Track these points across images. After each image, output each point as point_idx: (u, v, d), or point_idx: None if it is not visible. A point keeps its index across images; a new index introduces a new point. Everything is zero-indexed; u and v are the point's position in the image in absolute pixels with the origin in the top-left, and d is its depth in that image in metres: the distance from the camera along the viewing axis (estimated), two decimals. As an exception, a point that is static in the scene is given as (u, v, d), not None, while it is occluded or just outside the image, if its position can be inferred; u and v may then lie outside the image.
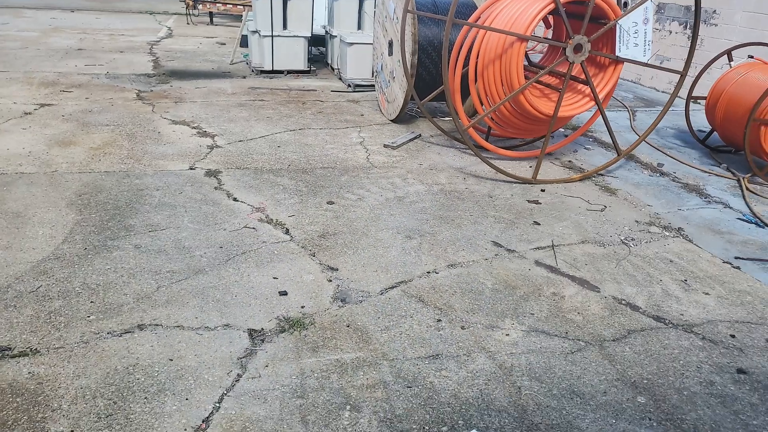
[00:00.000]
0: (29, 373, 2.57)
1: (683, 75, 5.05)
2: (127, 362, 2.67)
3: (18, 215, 3.97)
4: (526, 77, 5.05)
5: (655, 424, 2.49)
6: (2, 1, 15.13)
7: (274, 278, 3.40)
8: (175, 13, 15.60)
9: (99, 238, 3.73)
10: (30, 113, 6.23)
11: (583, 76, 5.07)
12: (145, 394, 2.49)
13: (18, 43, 10.06)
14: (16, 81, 7.52)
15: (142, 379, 2.57)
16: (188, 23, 13.87)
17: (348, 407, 2.48)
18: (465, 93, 5.65)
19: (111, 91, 7.33)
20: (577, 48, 4.78)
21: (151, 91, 7.51)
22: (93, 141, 5.50)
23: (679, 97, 7.62)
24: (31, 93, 7.01)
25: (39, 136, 5.53)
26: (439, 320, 3.11)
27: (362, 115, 7.04)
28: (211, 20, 14.08)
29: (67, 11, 14.87)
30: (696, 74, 6.34)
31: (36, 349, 2.72)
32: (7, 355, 2.67)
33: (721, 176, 5.60)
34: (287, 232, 3.99)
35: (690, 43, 4.92)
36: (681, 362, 2.91)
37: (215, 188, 4.61)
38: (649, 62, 4.90)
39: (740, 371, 2.86)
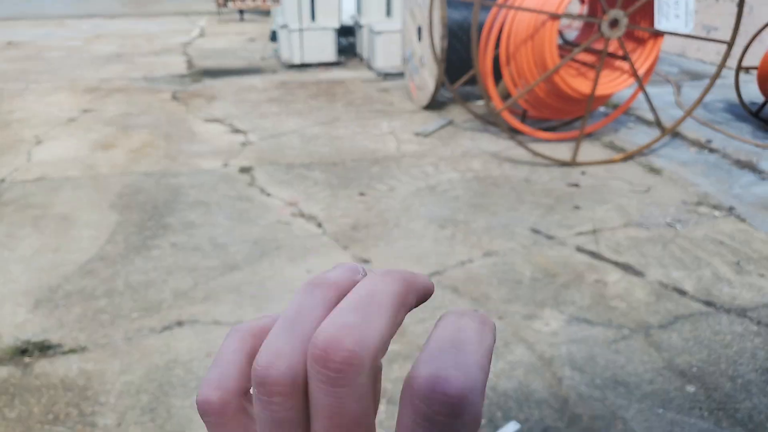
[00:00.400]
0: (79, 369, 2.66)
1: (730, 44, 4.76)
2: (167, 358, 2.72)
3: (65, 218, 4.10)
4: (560, 56, 4.87)
5: (706, 414, 2.37)
6: (46, 13, 15.71)
7: (307, 272, 3.40)
8: (206, 13, 15.85)
9: (139, 238, 3.81)
10: (74, 119, 6.44)
11: (621, 52, 4.85)
12: (185, 389, 2.53)
13: (63, 52, 10.42)
14: (61, 89, 7.79)
15: (182, 374, 2.62)
16: (219, 21, 14.07)
17: (384, 400, 2.45)
18: (498, 76, 5.50)
19: (148, 94, 7.50)
20: (614, 23, 4.57)
21: (185, 91, 7.65)
22: (132, 143, 5.64)
23: (728, 67, 7.23)
24: (75, 99, 7.24)
25: (83, 141, 5.71)
26: (476, 311, 3.03)
27: (392, 103, 6.97)
28: (242, 17, 14.23)
29: (107, 18, 15.31)
30: (745, 43, 5.98)
31: (84, 346, 2.81)
32: (59, 351, 2.77)
33: (776, 150, 5.28)
34: (319, 225, 3.98)
35: (737, 10, 4.62)
36: (734, 349, 2.75)
37: (248, 184, 4.65)
38: (692, 33, 4.64)
39: (800, 358, 2.69)
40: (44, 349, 2.78)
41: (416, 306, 0.33)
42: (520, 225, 3.97)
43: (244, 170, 4.94)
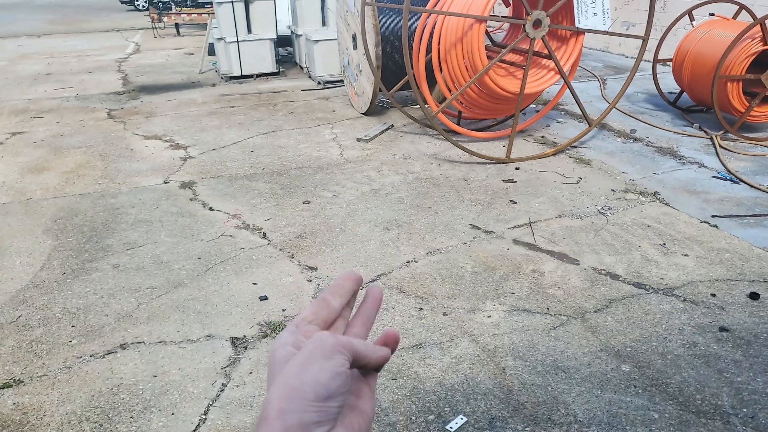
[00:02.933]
0: (14, 404, 2.57)
1: (645, 39, 5.06)
2: (111, 383, 2.66)
3: (-6, 247, 3.93)
4: (489, 57, 5.04)
5: (640, 391, 2.51)
6: (-35, 33, 14.91)
7: (253, 284, 3.40)
8: (141, 28, 15.45)
9: (77, 262, 3.71)
10: (1, 143, 6.16)
11: (546, 51, 5.07)
12: (131, 414, 2.49)
13: (-16, 74, 9.93)
14: (-16, 112, 7.43)
15: (127, 399, 2.57)
16: (155, 37, 13.75)
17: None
18: (432, 80, 5.64)
19: (81, 113, 7.26)
20: (537, 23, 4.78)
21: (122, 108, 7.45)
22: (66, 165, 5.46)
23: (647, 60, 7.66)
24: (1, 123, 6.93)
25: (11, 166, 5.48)
26: (421, 309, 3.12)
27: (334, 111, 7.01)
28: (178, 31, 13.95)
29: (34, 37, 14.69)
30: (660, 37, 6.36)
31: (19, 379, 2.71)
32: (-8, 388, 2.66)
33: (694, 136, 5.64)
34: (264, 236, 3.98)
35: (649, 7, 4.92)
36: (663, 326, 2.93)
37: (190, 199, 4.59)
38: (610, 30, 4.90)
39: (722, 329, 2.89)
40: (-23, 385, 2.67)
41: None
42: (461, 222, 4.09)
43: (186, 185, 4.87)
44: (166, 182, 4.96)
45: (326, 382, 0.44)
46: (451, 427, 2.35)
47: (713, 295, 3.17)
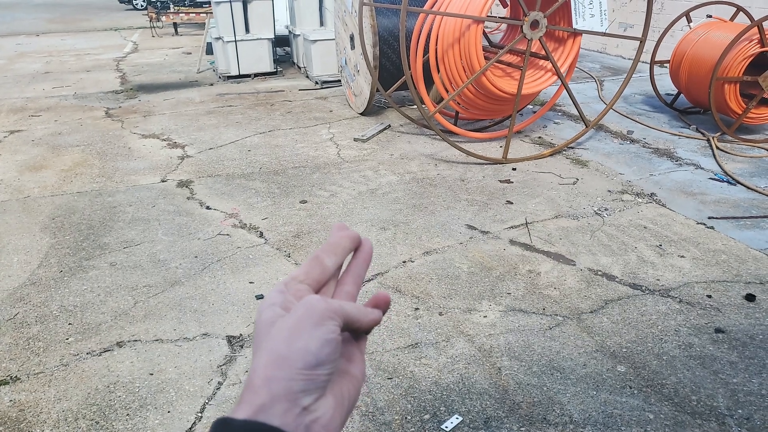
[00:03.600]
0: (11, 401, 2.57)
1: (642, 41, 5.08)
2: (107, 381, 2.66)
3: (-9, 245, 3.93)
4: (486, 58, 5.05)
5: (636, 391, 2.52)
6: (-37, 30, 14.89)
7: (250, 283, 3.40)
8: (140, 27, 15.44)
9: (74, 260, 3.70)
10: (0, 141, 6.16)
11: (543, 52, 5.09)
12: (127, 411, 2.49)
13: (-17, 72, 9.93)
14: (-18, 110, 7.43)
15: (124, 396, 2.57)
16: (153, 36, 13.74)
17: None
18: (430, 80, 5.65)
19: (79, 112, 7.26)
20: (534, 24, 4.79)
21: (120, 107, 7.44)
22: (64, 163, 5.45)
23: (645, 62, 7.68)
24: (0, 121, 6.92)
25: (9, 164, 5.47)
26: (417, 309, 3.12)
27: (331, 111, 7.02)
28: (176, 31, 13.95)
29: (32, 35, 14.68)
30: (657, 38, 6.38)
31: (16, 376, 2.71)
32: (-12, 385, 2.66)
33: (691, 138, 5.66)
34: (261, 235, 3.98)
35: (647, 8, 4.94)
36: (659, 327, 2.94)
37: (188, 198, 4.59)
38: (607, 31, 4.92)
39: (718, 331, 2.89)
40: (-27, 382, 2.67)
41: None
42: (457, 222, 4.10)
43: (183, 184, 4.87)
44: (163, 181, 4.96)
45: (316, 350, 0.42)
46: (446, 427, 2.36)
47: (709, 296, 3.18)
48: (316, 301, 0.45)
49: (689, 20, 6.07)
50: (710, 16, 6.10)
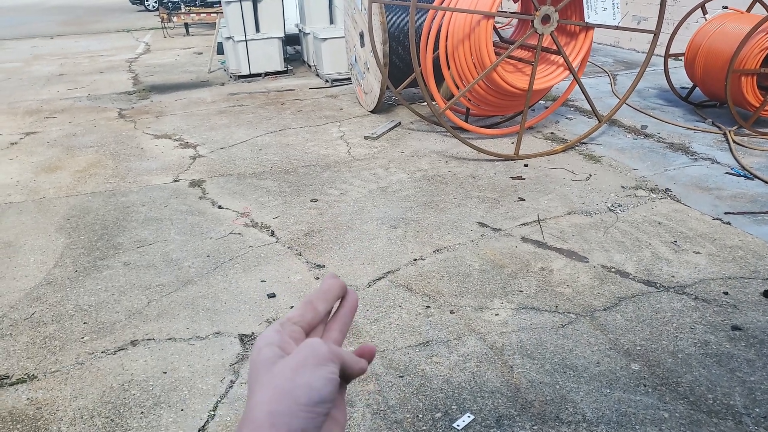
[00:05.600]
0: (28, 399, 2.61)
1: (656, 34, 5.00)
2: (122, 379, 2.69)
3: (9, 245, 3.99)
4: (497, 54, 5.02)
5: (650, 390, 2.49)
6: (-20, 34, 15.11)
7: (262, 281, 3.41)
8: (151, 28, 15.56)
9: (89, 259, 3.75)
10: (15, 143, 6.24)
11: (554, 47, 5.04)
12: (141, 409, 2.51)
13: (0, 75, 10.07)
14: (0, 113, 7.53)
15: (138, 395, 2.60)
16: (165, 36, 13.84)
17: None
18: (440, 77, 5.62)
19: (93, 113, 7.34)
20: (545, 19, 4.74)
21: (132, 108, 7.51)
22: (78, 164, 5.52)
23: (659, 55, 7.58)
24: (16, 123, 7.02)
25: (26, 165, 5.55)
26: (428, 307, 3.11)
27: (341, 109, 7.02)
28: (187, 31, 14.04)
29: (47, 38, 14.86)
30: (671, 31, 6.29)
31: (33, 374, 2.75)
32: (6, 383, 2.70)
33: (707, 132, 5.57)
34: (273, 234, 4.00)
35: (660, 1, 4.87)
36: (674, 325, 2.90)
37: (200, 198, 4.62)
38: (620, 25, 4.85)
39: (735, 328, 2.85)
40: (-9, 381, 2.71)
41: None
42: (468, 220, 4.07)
43: (195, 184, 4.90)
44: (175, 181, 5.00)
45: (320, 387, 0.45)
46: (458, 425, 2.35)
47: (726, 293, 3.13)
48: (319, 345, 0.47)
49: (704, 12, 5.97)
50: (726, 8, 6.00)
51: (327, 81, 8.20)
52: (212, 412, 2.47)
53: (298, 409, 0.44)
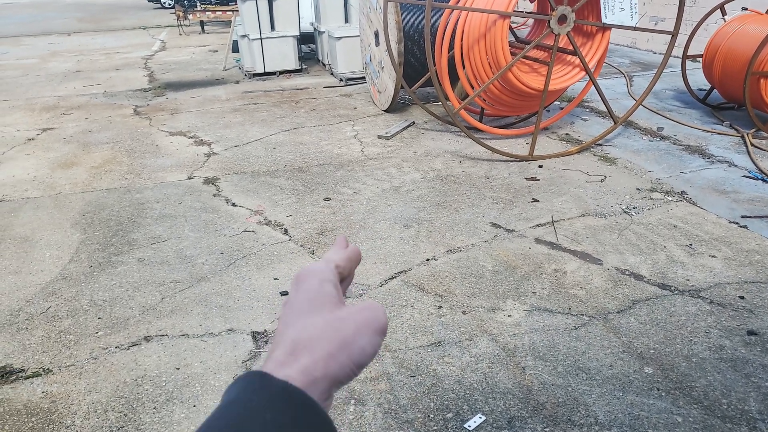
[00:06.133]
0: (43, 392, 2.64)
1: (674, 35, 4.95)
2: (135, 374, 2.72)
3: (26, 239, 4.04)
4: (512, 54, 4.99)
5: (663, 394, 2.47)
6: (1, 32, 15.33)
7: (275, 279, 3.43)
8: (167, 26, 15.69)
9: (103, 255, 3.79)
10: (33, 139, 6.32)
11: (571, 47, 5.00)
12: (154, 405, 2.53)
13: (18, 71, 10.21)
14: (18, 108, 7.64)
15: (151, 390, 2.62)
16: (181, 34, 13.95)
17: (353, 401, 2.50)
18: (455, 77, 5.60)
19: (109, 109, 7.41)
20: (562, 19, 4.71)
21: (148, 105, 7.58)
22: (94, 160, 5.57)
23: (676, 56, 7.49)
24: (33, 119, 7.11)
25: (42, 161, 5.62)
26: (440, 307, 3.11)
27: (355, 108, 7.03)
28: (203, 29, 14.13)
29: (64, 35, 15.04)
30: (690, 32, 6.21)
31: (48, 368, 2.79)
32: (21, 376, 2.74)
33: (724, 134, 5.50)
34: (286, 232, 4.01)
35: (679, 1, 4.81)
36: (689, 329, 2.87)
37: (214, 195, 4.65)
38: (638, 25, 4.81)
39: (751, 333, 2.81)
40: (6, 374, 2.75)
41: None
42: (481, 220, 4.06)
43: (210, 181, 4.93)
44: (190, 178, 5.03)
45: (370, 354, 0.46)
46: (469, 426, 2.34)
47: (742, 297, 3.09)
48: (383, 314, 0.48)
49: (724, 13, 5.90)
50: (746, 9, 5.91)
51: (341, 80, 8.21)
52: (224, 409, 2.49)
53: (349, 363, 0.45)
